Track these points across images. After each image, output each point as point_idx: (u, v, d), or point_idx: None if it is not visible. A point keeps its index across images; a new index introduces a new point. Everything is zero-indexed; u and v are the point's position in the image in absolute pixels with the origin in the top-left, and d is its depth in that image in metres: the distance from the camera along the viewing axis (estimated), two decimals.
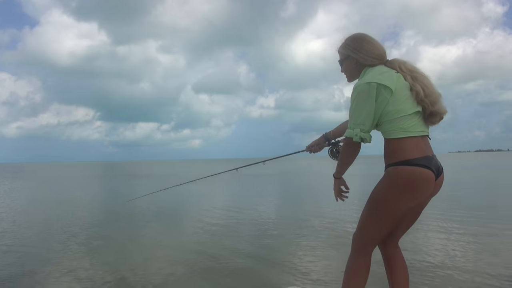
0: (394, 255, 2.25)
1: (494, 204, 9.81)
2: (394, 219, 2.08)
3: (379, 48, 2.16)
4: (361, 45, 2.16)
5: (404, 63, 2.12)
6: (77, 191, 17.01)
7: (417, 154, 1.95)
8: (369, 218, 2.12)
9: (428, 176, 1.94)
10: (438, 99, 2.06)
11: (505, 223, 6.88)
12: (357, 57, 2.16)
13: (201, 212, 9.12)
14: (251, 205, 10.16)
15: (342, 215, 7.94)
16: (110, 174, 37.26)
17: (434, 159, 2.03)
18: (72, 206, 10.97)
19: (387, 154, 2.04)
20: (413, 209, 2.14)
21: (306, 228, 6.73)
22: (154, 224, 7.69)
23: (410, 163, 1.93)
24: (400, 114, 2.00)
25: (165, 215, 8.84)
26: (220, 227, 7.02)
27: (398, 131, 2.00)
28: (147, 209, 9.75)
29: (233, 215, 8.47)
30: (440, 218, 7.21)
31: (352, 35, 2.23)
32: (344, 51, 2.23)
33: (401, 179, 1.95)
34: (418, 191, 1.95)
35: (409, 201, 1.99)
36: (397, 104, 2.01)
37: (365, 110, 2.00)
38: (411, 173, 1.93)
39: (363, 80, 2.06)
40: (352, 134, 2.02)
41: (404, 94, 2.02)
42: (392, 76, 2.04)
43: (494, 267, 4.12)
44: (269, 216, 8.42)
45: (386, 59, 2.18)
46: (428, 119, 2.08)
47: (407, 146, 1.97)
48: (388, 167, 2.02)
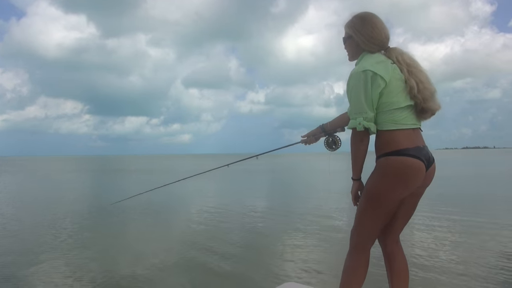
0: (394, 251, 2.22)
1: (480, 200, 9.95)
2: (388, 210, 2.06)
3: (381, 33, 2.09)
4: (364, 28, 2.09)
5: (402, 54, 2.08)
6: (64, 186, 16.80)
7: (407, 145, 1.95)
8: (365, 211, 2.09)
9: (418, 165, 1.95)
10: (431, 96, 2.02)
11: (489, 219, 6.98)
12: (358, 40, 2.11)
13: (191, 209, 9.08)
14: (241, 202, 10.15)
15: (336, 211, 7.97)
16: (98, 168, 36.89)
17: (424, 149, 2.02)
18: (59, 202, 10.83)
19: (378, 145, 2.03)
20: (408, 200, 2.12)
21: (300, 224, 6.72)
22: (143, 221, 7.63)
23: (400, 153, 1.94)
24: (393, 106, 1.99)
25: (154, 211, 8.77)
26: (210, 224, 6.99)
27: (389, 123, 1.99)
28: (136, 205, 9.67)
29: (224, 212, 8.45)
30: (427, 215, 7.28)
31: (359, 14, 2.16)
32: (348, 29, 2.18)
33: (391, 169, 1.95)
34: (409, 180, 1.96)
35: (400, 190, 1.98)
36: (390, 96, 1.98)
37: (365, 98, 1.96)
38: (402, 162, 1.93)
39: (359, 67, 2.02)
40: (355, 124, 1.97)
41: (398, 86, 1.99)
42: (387, 67, 2.00)
43: (479, 264, 4.17)
44: (260, 212, 8.41)
45: (387, 45, 2.13)
46: (420, 114, 2.06)
47: (398, 137, 1.97)
48: (379, 158, 2.02)
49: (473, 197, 10.62)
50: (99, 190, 15.02)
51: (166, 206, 9.62)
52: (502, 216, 7.49)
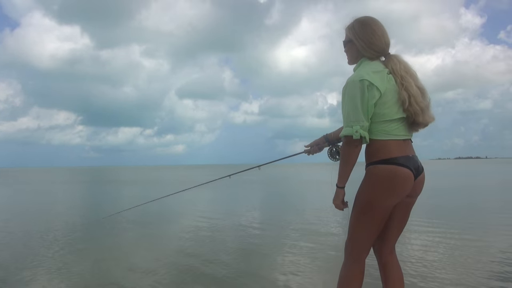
0: (389, 261, 2.23)
1: (473, 211, 9.99)
2: (380, 219, 2.08)
3: (381, 39, 2.10)
4: (364, 33, 2.10)
5: (399, 63, 2.07)
6: (56, 198, 16.62)
7: (396, 154, 1.98)
8: (356, 221, 2.11)
9: (406, 174, 1.98)
10: (421, 111, 2.03)
11: (482, 229, 7.00)
12: (357, 44, 2.12)
13: (185, 221, 9.01)
14: (236, 213, 10.10)
15: (333, 222, 7.95)
16: (90, 179, 36.56)
17: (413, 158, 2.05)
18: (50, 213, 10.70)
19: (368, 153, 2.06)
20: (399, 210, 2.15)
21: (296, 236, 6.66)
22: (135, 232, 7.54)
23: (389, 162, 1.97)
24: (385, 118, 2.01)
25: (147, 223, 8.69)
26: (204, 236, 6.93)
27: (380, 133, 2.02)
28: (128, 216, 9.57)
29: (218, 224, 8.40)
30: (420, 225, 7.29)
31: (360, 19, 2.16)
32: (348, 33, 2.19)
33: (380, 177, 1.99)
34: (398, 188, 1.99)
35: (390, 198, 2.01)
36: (383, 107, 2.01)
37: (361, 107, 1.97)
38: (390, 171, 1.97)
39: (356, 75, 2.02)
40: (352, 131, 1.98)
41: (392, 98, 2.01)
42: (383, 77, 2.02)
43: (473, 275, 4.18)
44: (255, 224, 8.36)
45: (387, 52, 2.13)
46: (411, 126, 2.09)
47: (388, 146, 2.00)
48: (369, 166, 2.06)
49: (466, 207, 10.66)
50: (91, 202, 14.87)
51: (160, 217, 9.53)
52: (494, 226, 7.52)
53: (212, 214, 9.79)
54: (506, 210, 9.78)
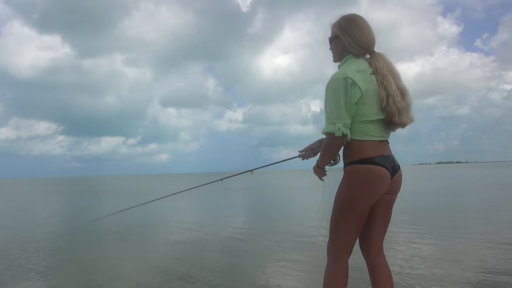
0: (377, 262, 2.24)
1: (456, 214, 10.17)
2: (360, 218, 2.10)
3: (367, 36, 2.12)
4: (350, 28, 2.12)
5: (383, 62, 2.09)
6: (35, 209, 16.24)
7: (373, 154, 2.03)
8: (336, 221, 2.14)
9: (383, 173, 2.02)
10: (400, 111, 2.05)
11: (465, 231, 7.13)
12: (344, 40, 2.13)
13: (170, 229, 8.90)
14: (221, 222, 10.04)
15: (320, 229, 7.96)
16: (71, 190, 35.85)
17: (389, 158, 2.09)
18: (29, 225, 10.43)
19: (346, 153, 2.10)
20: (379, 208, 2.17)
21: (279, 242, 6.66)
22: (120, 242, 7.42)
23: (366, 162, 2.02)
24: (364, 118, 2.04)
25: (132, 232, 8.56)
26: (189, 245, 6.86)
27: (358, 133, 2.05)
28: (113, 226, 9.42)
29: (203, 232, 8.33)
30: (403, 227, 7.38)
31: (346, 15, 2.20)
32: (334, 29, 2.20)
33: (358, 176, 2.03)
34: (375, 186, 2.03)
35: (368, 196, 2.05)
36: (363, 108, 2.03)
37: (345, 105, 1.99)
38: (367, 170, 2.01)
39: (340, 73, 2.03)
40: (334, 128, 2.00)
41: (372, 99, 2.04)
42: (366, 77, 2.04)
43: (454, 277, 4.24)
44: (240, 232, 8.33)
45: (372, 49, 2.15)
46: (388, 126, 2.12)
47: (365, 147, 2.04)
48: (346, 166, 2.09)
49: (449, 210, 10.84)
50: (72, 212, 14.56)
51: (143, 227, 9.40)
52: (476, 228, 7.66)
53: (196, 223, 9.71)
54: (485, 211, 10.00)
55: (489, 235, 6.75)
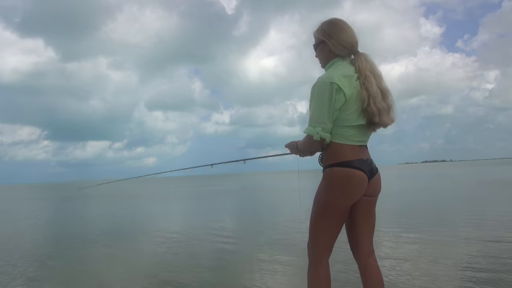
0: (368, 264, 2.26)
1: (438, 213, 10.31)
2: (338, 219, 2.14)
3: (351, 37, 2.18)
4: (334, 31, 2.17)
5: (365, 63, 2.12)
6: (19, 216, 15.93)
7: (351, 157, 2.08)
8: (316, 222, 2.18)
9: (360, 176, 2.08)
10: (380, 111, 2.08)
11: (451, 231, 7.24)
12: (329, 43, 2.17)
13: (157, 233, 8.80)
14: (208, 225, 10.00)
15: (300, 228, 7.99)
16: (55, 195, 35.26)
17: (367, 161, 2.15)
18: (14, 231, 10.23)
19: (326, 155, 2.15)
20: (361, 210, 2.20)
21: (264, 244, 6.67)
22: (108, 247, 7.31)
23: (344, 165, 2.08)
24: (345, 123, 2.08)
25: (119, 237, 8.47)
26: (176, 249, 6.80)
27: (338, 137, 2.10)
28: (100, 231, 9.30)
29: (191, 236, 8.28)
30: (391, 227, 7.46)
31: (328, 20, 2.25)
32: (318, 35, 2.25)
33: (336, 178, 2.09)
34: (352, 189, 2.08)
35: (346, 199, 2.10)
36: (345, 113, 2.07)
37: (327, 110, 2.04)
38: (345, 173, 2.07)
39: (326, 77, 2.07)
40: (313, 132, 2.06)
41: (354, 104, 2.08)
42: (352, 83, 2.07)
43: (442, 274, 4.30)
44: (227, 235, 8.30)
45: (356, 49, 2.20)
46: (369, 127, 2.16)
47: (344, 150, 2.09)
48: (325, 169, 2.15)
49: (434, 208, 10.99)
50: (57, 218, 14.32)
51: (129, 232, 9.28)
52: (461, 226, 7.78)
53: (183, 226, 9.65)
54: (470, 209, 10.18)
55: (474, 232, 6.86)
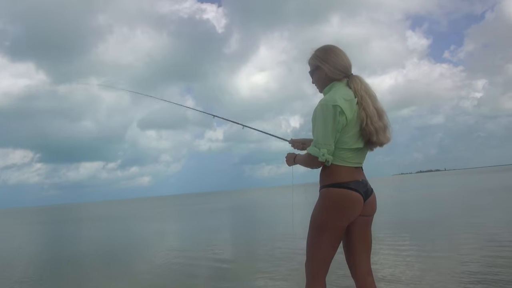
0: (367, 284, 2.26)
1: (437, 223, 10.31)
2: (334, 239, 2.17)
3: (344, 60, 2.24)
4: (328, 56, 2.24)
5: (360, 84, 2.19)
6: (15, 241, 15.66)
7: (347, 179, 2.14)
8: (312, 241, 2.20)
9: (355, 197, 2.13)
10: (377, 131, 2.15)
11: (446, 242, 7.22)
12: (325, 68, 2.23)
13: (153, 254, 8.69)
14: (204, 244, 9.90)
15: (296, 247, 7.93)
16: (49, 219, 34.79)
17: (363, 183, 2.20)
18: (11, 257, 10.04)
19: (323, 175, 2.20)
20: (357, 230, 2.22)
21: (265, 265, 6.57)
22: (104, 269, 7.21)
23: (340, 186, 2.13)
24: (343, 145, 2.14)
25: (115, 258, 8.34)
26: (173, 270, 6.71)
27: (336, 159, 2.15)
28: (96, 251, 9.16)
29: (187, 255, 8.18)
30: (387, 240, 7.42)
31: (321, 47, 2.32)
32: (313, 61, 2.31)
33: (332, 199, 2.14)
34: (347, 210, 2.13)
35: (340, 219, 2.14)
36: (345, 135, 2.12)
37: (331, 131, 2.09)
38: (341, 194, 2.12)
39: (329, 99, 2.12)
40: (319, 153, 2.11)
41: (354, 127, 2.13)
42: (353, 106, 2.13)
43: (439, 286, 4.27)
44: (223, 254, 8.22)
45: (350, 72, 2.27)
46: (367, 147, 2.22)
47: (340, 171, 2.15)
48: (322, 188, 2.19)
49: (430, 219, 10.98)
50: (52, 242, 14.10)
51: (126, 252, 9.17)
52: (458, 238, 7.77)
53: (180, 246, 9.55)
54: (466, 219, 10.21)
55: (469, 241, 6.85)
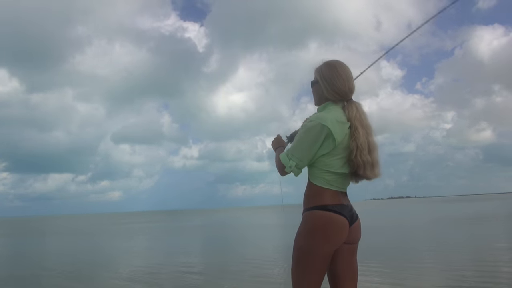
0: None
1: (406, 250, 10.45)
2: (319, 266, 2.03)
3: (345, 84, 2.11)
4: (329, 75, 2.12)
5: (355, 112, 2.08)
6: None
7: (332, 202, 2.03)
8: (297, 269, 2.07)
9: (341, 221, 2.01)
10: (365, 164, 2.04)
11: (415, 269, 7.34)
12: (322, 85, 2.14)
13: (120, 269, 8.42)
14: (175, 261, 9.67)
15: (274, 266, 7.85)
16: (10, 232, 33.19)
17: (348, 207, 2.09)
18: None
19: (307, 195, 2.09)
20: (342, 258, 2.12)
21: (238, 283, 6.50)
22: (66, 285, 6.90)
23: (325, 209, 2.01)
24: (329, 168, 2.05)
25: (82, 275, 8.00)
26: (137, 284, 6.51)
27: (321, 180, 2.06)
28: (57, 267, 8.78)
29: (156, 272, 7.96)
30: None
31: (328, 61, 2.19)
32: (316, 74, 2.21)
33: (316, 222, 2.01)
34: (333, 235, 2.00)
35: (326, 244, 2.01)
36: (331, 158, 2.04)
37: (309, 149, 2.01)
38: (326, 217, 2.00)
39: (322, 117, 2.02)
40: (287, 163, 2.06)
41: (342, 151, 2.04)
42: (343, 130, 2.03)
43: None
44: (196, 272, 8.04)
45: (349, 97, 2.15)
46: (352, 178, 2.13)
47: (325, 194, 2.04)
48: (305, 211, 2.07)
49: (401, 247, 11.14)
50: (12, 256, 13.44)
51: (93, 267, 8.83)
52: (423, 267, 7.90)
53: (149, 262, 9.27)
54: (434, 248, 10.40)
55: (434, 271, 6.98)
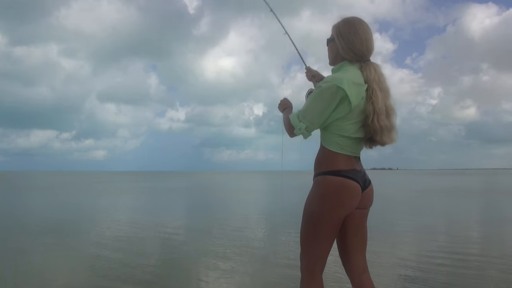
0: (362, 283, 2.11)
1: (380, 220, 10.68)
2: (330, 231, 2.00)
3: (363, 43, 1.99)
4: (346, 32, 1.99)
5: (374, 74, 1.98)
6: None
7: (345, 167, 1.96)
8: (307, 233, 2.03)
9: (354, 186, 1.95)
10: (382, 129, 1.97)
11: (390, 237, 7.47)
12: (338, 44, 2.01)
13: (103, 230, 8.36)
14: (159, 222, 9.67)
15: (258, 230, 7.89)
16: None
17: (361, 172, 2.03)
18: None
19: (319, 160, 2.02)
20: (353, 224, 2.07)
21: (226, 245, 6.49)
22: (49, 243, 6.82)
23: (338, 174, 1.94)
24: (343, 133, 1.96)
25: (61, 232, 7.93)
26: (124, 245, 6.47)
27: (334, 145, 1.98)
28: (45, 224, 8.70)
29: (140, 232, 7.94)
30: None
31: (347, 18, 2.05)
32: (333, 31, 2.07)
33: (329, 188, 1.95)
34: (345, 200, 1.95)
35: (338, 209, 1.96)
36: (346, 122, 1.95)
37: (321, 112, 1.91)
38: (339, 182, 1.94)
39: (337, 79, 1.91)
40: (297, 126, 1.97)
41: (358, 115, 1.95)
42: (360, 93, 1.93)
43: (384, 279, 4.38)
44: (181, 234, 8.06)
45: (367, 58, 2.03)
46: (367, 143, 2.05)
47: (338, 159, 1.97)
48: (317, 176, 2.01)
49: (377, 216, 11.37)
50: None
51: (75, 227, 8.74)
52: (400, 236, 8.07)
53: (133, 223, 9.25)
54: (411, 216, 10.67)
55: (409, 239, 7.13)
